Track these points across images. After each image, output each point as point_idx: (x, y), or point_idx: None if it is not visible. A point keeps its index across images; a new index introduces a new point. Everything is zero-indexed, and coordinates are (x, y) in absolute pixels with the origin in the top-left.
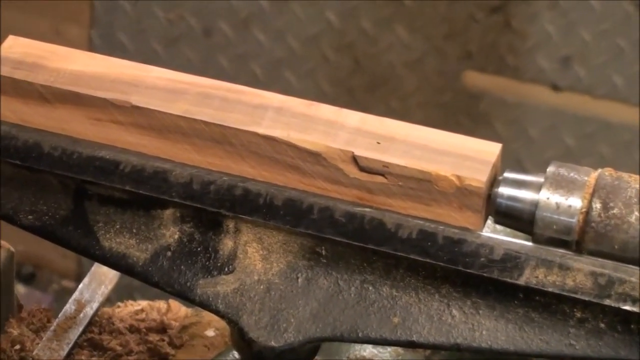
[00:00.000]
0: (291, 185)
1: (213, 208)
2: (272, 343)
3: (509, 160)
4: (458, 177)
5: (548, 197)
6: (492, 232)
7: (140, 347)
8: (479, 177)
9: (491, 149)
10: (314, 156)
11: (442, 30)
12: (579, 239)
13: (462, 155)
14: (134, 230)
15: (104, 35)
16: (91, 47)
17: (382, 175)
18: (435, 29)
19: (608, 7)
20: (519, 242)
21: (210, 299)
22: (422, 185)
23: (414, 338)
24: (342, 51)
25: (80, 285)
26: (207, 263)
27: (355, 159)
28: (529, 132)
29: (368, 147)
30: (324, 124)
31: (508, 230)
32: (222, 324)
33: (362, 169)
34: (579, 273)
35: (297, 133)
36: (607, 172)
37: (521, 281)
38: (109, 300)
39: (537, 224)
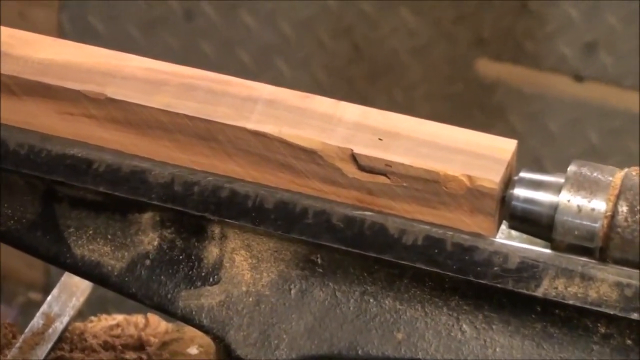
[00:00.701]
0: (283, 186)
1: (196, 211)
2: None
3: (526, 158)
4: (469, 178)
5: (569, 199)
6: (507, 239)
7: None
8: (492, 177)
9: (506, 146)
10: (309, 154)
11: (452, 13)
12: (603, 245)
13: (474, 153)
14: (109, 237)
15: (75, 19)
16: (60, 33)
17: (385, 175)
18: (444, 12)
19: None
20: (537, 249)
21: (194, 313)
22: (428, 186)
23: (420, 356)
24: (340, 36)
25: (49, 298)
26: (190, 273)
27: (354, 157)
28: (549, 127)
29: (369, 144)
30: (319, 119)
31: (524, 236)
32: (206, 340)
33: (362, 169)
34: (603, 284)
35: (290, 128)
36: (635, 172)
37: (539, 293)
38: (81, 314)
39: (556, 229)
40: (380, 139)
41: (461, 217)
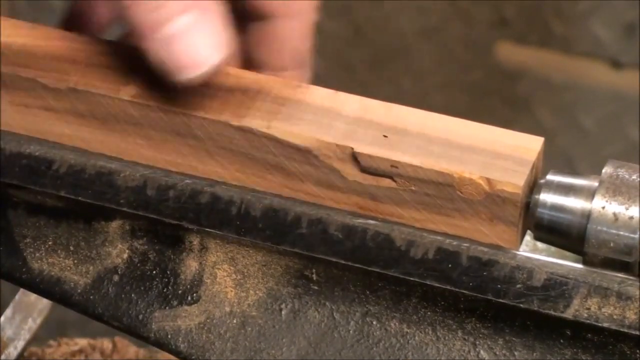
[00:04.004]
0: (273, 190)
1: (172, 219)
2: None
3: (556, 158)
4: (488, 181)
5: (603, 206)
6: (532, 252)
7: None
8: (514, 181)
9: (531, 145)
10: (303, 153)
11: None
12: None
13: (494, 153)
14: (71, 248)
15: None
16: (12, 12)
17: (390, 177)
18: None
19: None
20: (566, 264)
21: (169, 336)
22: (441, 190)
23: None
24: (338, 15)
25: (1, 319)
26: (164, 290)
27: (355, 157)
28: (582, 122)
29: (372, 141)
30: (314, 112)
31: (552, 249)
32: None
33: (364, 170)
34: None
35: (281, 123)
36: None
37: (569, 314)
38: (38, 338)
39: (589, 240)
40: (385, 136)
41: (479, 227)
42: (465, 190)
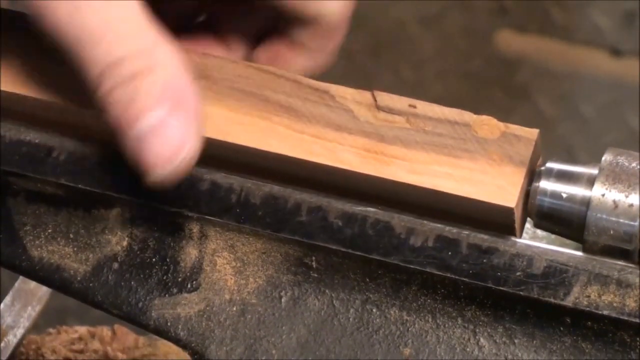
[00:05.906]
0: (274, 132)
1: (172, 207)
2: None
3: (556, 146)
4: (505, 125)
5: (603, 193)
6: (532, 239)
7: None
8: (530, 130)
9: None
10: (319, 94)
11: None
12: None
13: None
14: (71, 236)
15: None
16: None
17: (405, 117)
18: None
19: None
20: (566, 251)
21: (169, 324)
22: (456, 130)
23: None
24: None
25: (1, 307)
26: (164, 278)
27: (374, 97)
28: (582, 110)
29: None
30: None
31: (552, 236)
32: (183, 355)
33: (380, 108)
34: None
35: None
36: None
37: (568, 302)
38: (37, 326)
39: (589, 228)
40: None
41: (486, 167)
42: (481, 129)
